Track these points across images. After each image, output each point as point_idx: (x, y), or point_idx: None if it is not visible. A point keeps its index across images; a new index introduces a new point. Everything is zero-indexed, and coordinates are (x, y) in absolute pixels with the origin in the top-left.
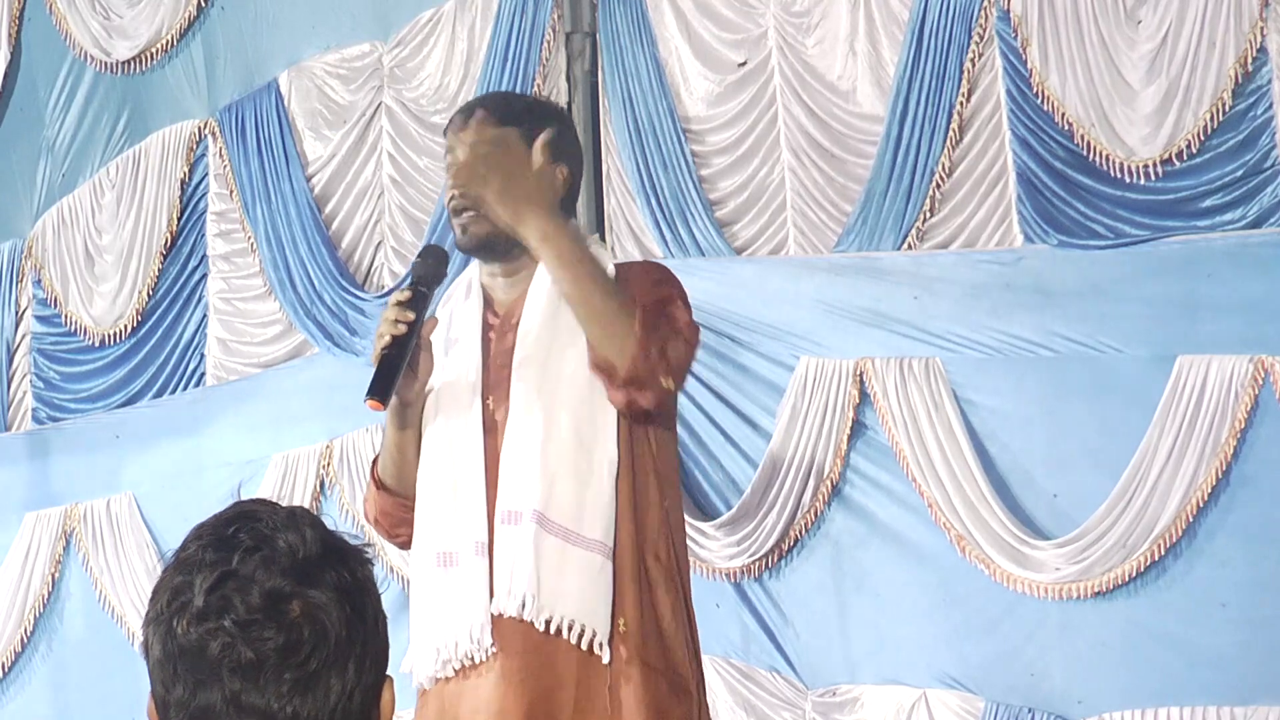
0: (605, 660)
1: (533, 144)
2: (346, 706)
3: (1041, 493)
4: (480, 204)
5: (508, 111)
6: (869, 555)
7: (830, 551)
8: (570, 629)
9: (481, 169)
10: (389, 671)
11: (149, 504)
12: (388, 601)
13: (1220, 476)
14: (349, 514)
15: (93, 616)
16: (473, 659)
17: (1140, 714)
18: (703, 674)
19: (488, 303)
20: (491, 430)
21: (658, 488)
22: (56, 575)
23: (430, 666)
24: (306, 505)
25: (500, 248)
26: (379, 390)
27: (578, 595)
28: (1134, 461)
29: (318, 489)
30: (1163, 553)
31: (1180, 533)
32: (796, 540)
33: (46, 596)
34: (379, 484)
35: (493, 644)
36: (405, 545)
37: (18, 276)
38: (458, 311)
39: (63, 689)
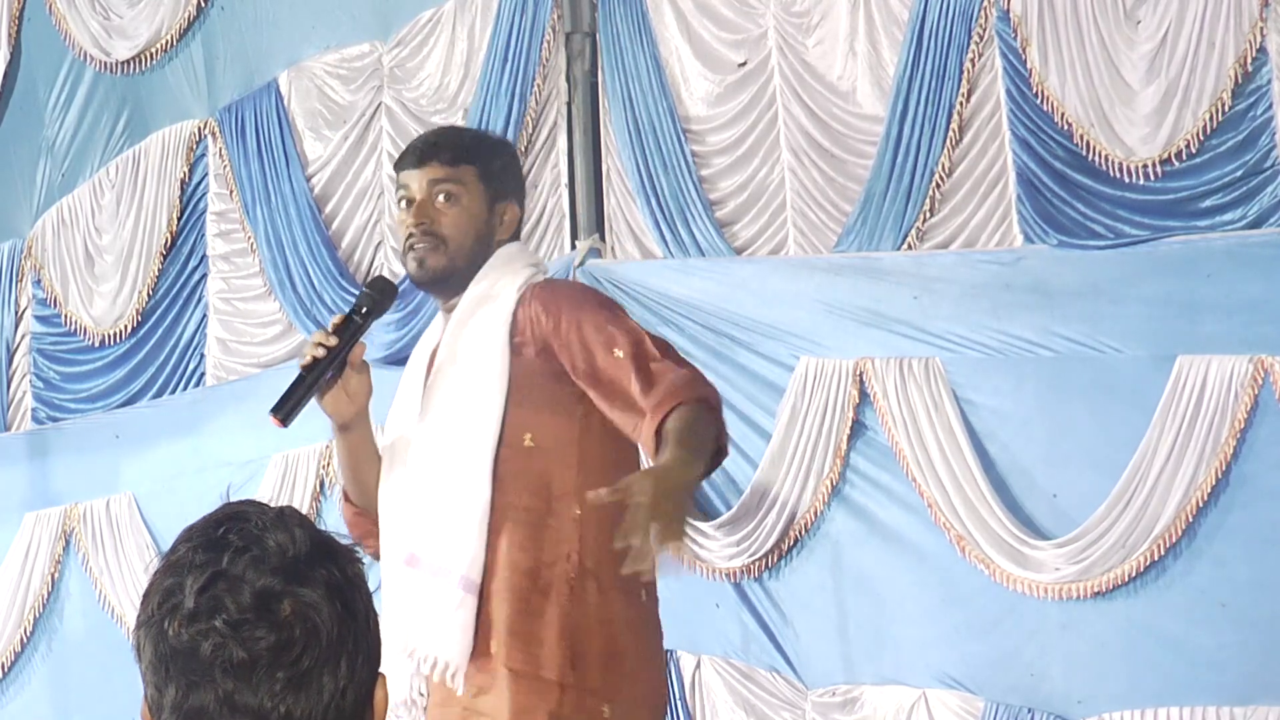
0: (459, 692)
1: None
2: (340, 704)
3: (1041, 493)
4: (440, 240)
5: (481, 169)
6: (869, 555)
7: (830, 551)
8: (426, 661)
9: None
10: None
11: (149, 504)
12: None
13: (1220, 476)
14: None
15: (93, 616)
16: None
17: (1140, 714)
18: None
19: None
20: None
21: (565, 499)
22: (56, 575)
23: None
24: (306, 506)
25: (454, 283)
26: (281, 407)
27: (436, 629)
28: (1134, 461)
29: (317, 489)
30: (1162, 553)
31: (1180, 533)
32: (796, 540)
33: (46, 596)
34: (345, 496)
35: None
36: (375, 557)
37: (18, 276)
38: (419, 348)
39: (63, 689)
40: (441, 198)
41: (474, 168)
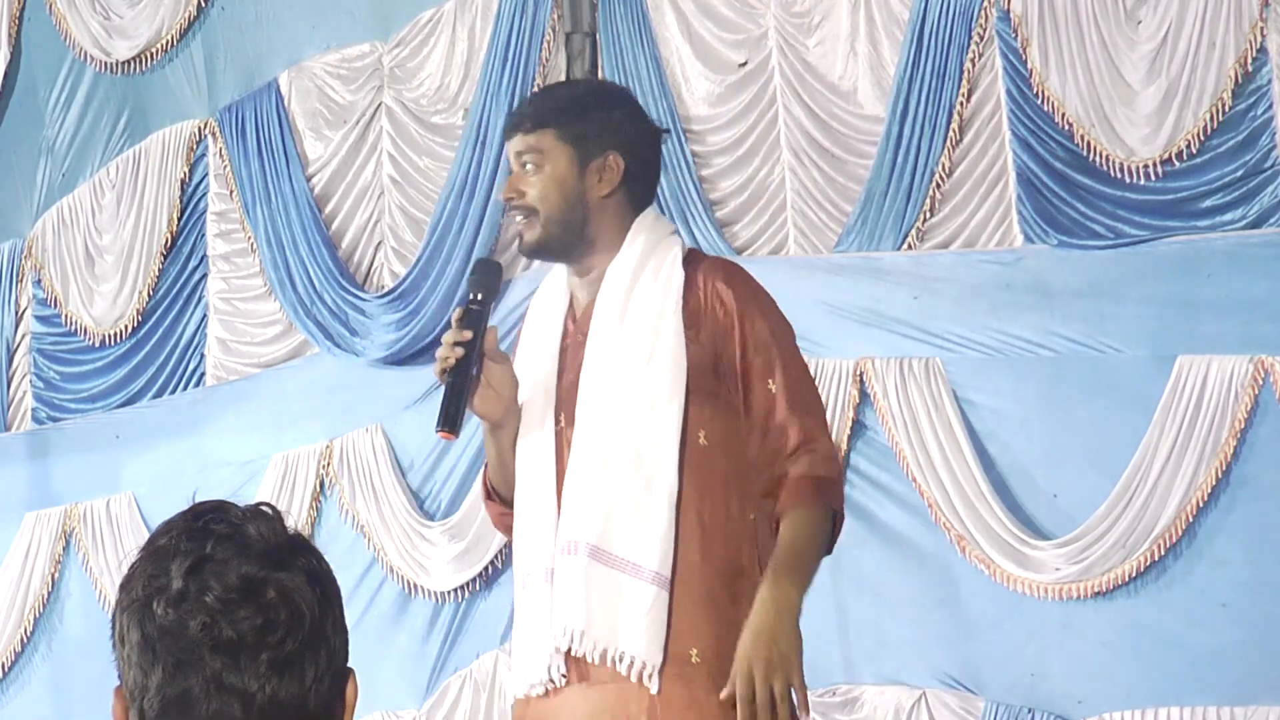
0: (654, 690)
1: (586, 169)
2: (318, 689)
3: (1041, 493)
4: (531, 211)
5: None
6: (869, 555)
7: None
8: (621, 660)
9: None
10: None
11: (149, 504)
12: (388, 601)
13: (1220, 476)
14: (348, 514)
15: (93, 616)
16: (552, 683)
17: (1140, 714)
18: None
19: (571, 304)
20: (562, 450)
21: (740, 502)
22: (56, 575)
23: (519, 683)
24: (307, 506)
25: (558, 250)
26: (447, 419)
27: (629, 627)
28: (1134, 461)
29: (318, 489)
30: (1163, 553)
31: (1180, 533)
32: None
33: (46, 596)
34: (490, 492)
35: (564, 672)
36: None
37: (18, 276)
38: (542, 314)
39: (63, 689)
40: (527, 168)
41: (553, 131)
